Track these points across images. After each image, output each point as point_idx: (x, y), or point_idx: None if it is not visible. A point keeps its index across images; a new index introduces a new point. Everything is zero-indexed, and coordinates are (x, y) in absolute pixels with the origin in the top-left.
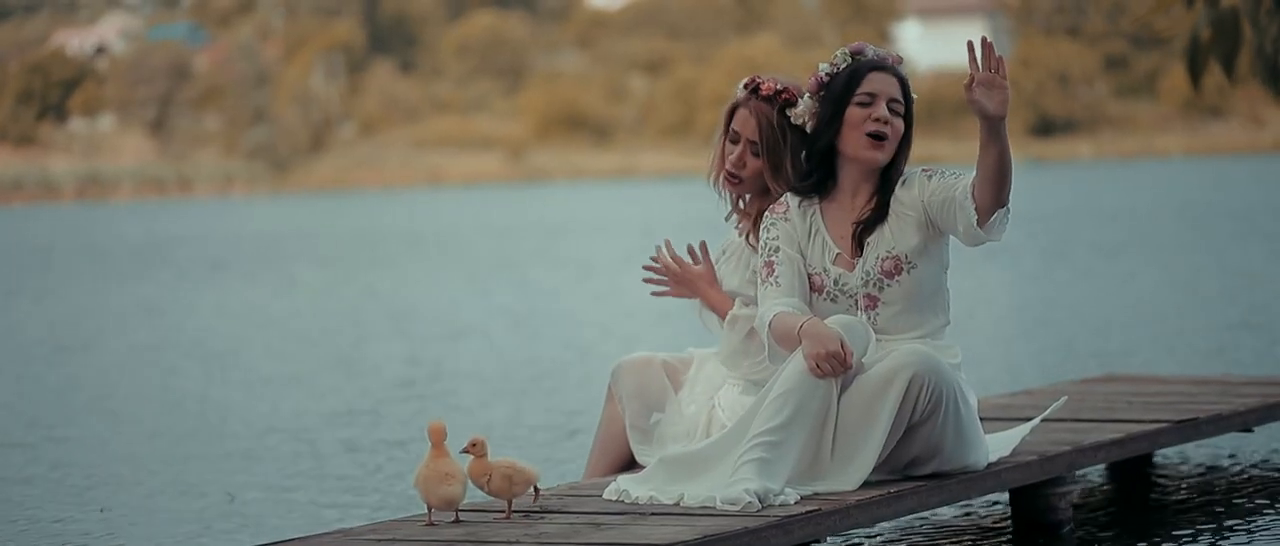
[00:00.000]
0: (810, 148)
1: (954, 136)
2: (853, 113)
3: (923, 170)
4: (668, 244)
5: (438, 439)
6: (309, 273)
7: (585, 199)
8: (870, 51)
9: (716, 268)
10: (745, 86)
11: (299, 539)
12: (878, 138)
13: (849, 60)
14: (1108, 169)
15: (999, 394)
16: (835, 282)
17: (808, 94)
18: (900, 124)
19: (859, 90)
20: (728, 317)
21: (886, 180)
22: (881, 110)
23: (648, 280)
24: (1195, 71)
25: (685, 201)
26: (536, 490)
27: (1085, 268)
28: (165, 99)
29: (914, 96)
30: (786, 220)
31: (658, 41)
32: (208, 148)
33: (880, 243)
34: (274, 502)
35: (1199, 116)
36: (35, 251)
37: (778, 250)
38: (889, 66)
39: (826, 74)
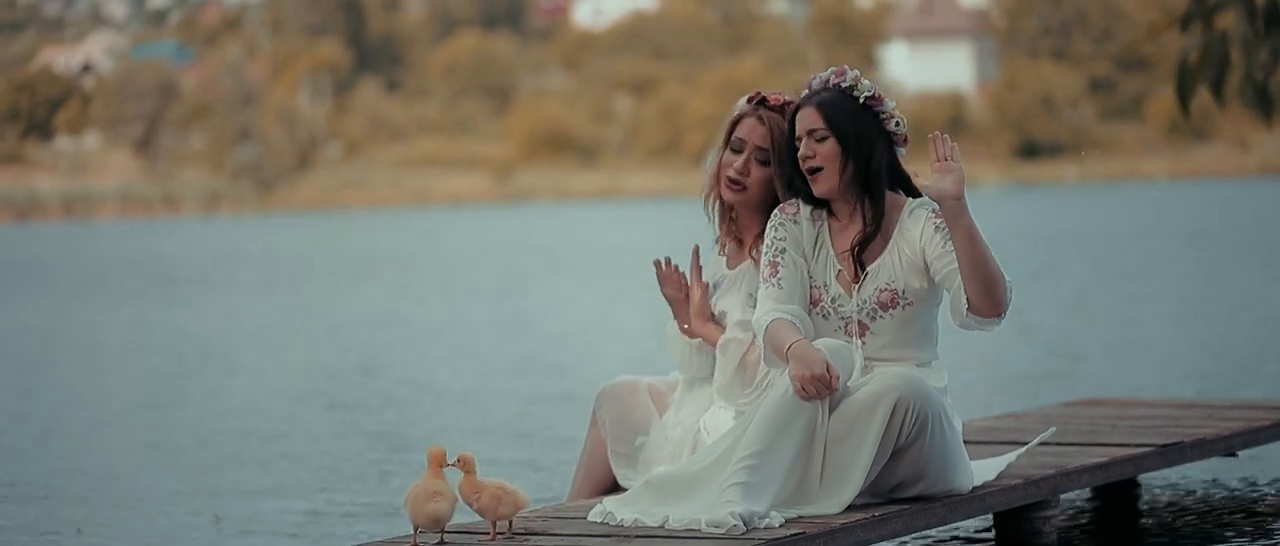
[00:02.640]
0: (791, 187)
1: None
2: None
3: (934, 213)
4: (668, 261)
5: (435, 462)
6: (296, 292)
7: (571, 219)
8: (813, 83)
9: (717, 302)
10: (749, 100)
11: None
12: (812, 173)
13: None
14: (1093, 192)
15: (984, 417)
16: (832, 300)
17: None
18: (828, 146)
19: (797, 137)
20: (720, 343)
21: (871, 193)
22: (803, 148)
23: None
24: (1184, 95)
25: (671, 222)
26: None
27: (1070, 291)
28: (151, 117)
29: (864, 95)
30: (796, 223)
31: (644, 62)
32: (193, 166)
33: (881, 273)
34: (261, 524)
35: (1184, 140)
36: (20, 269)
37: (784, 251)
38: (806, 101)
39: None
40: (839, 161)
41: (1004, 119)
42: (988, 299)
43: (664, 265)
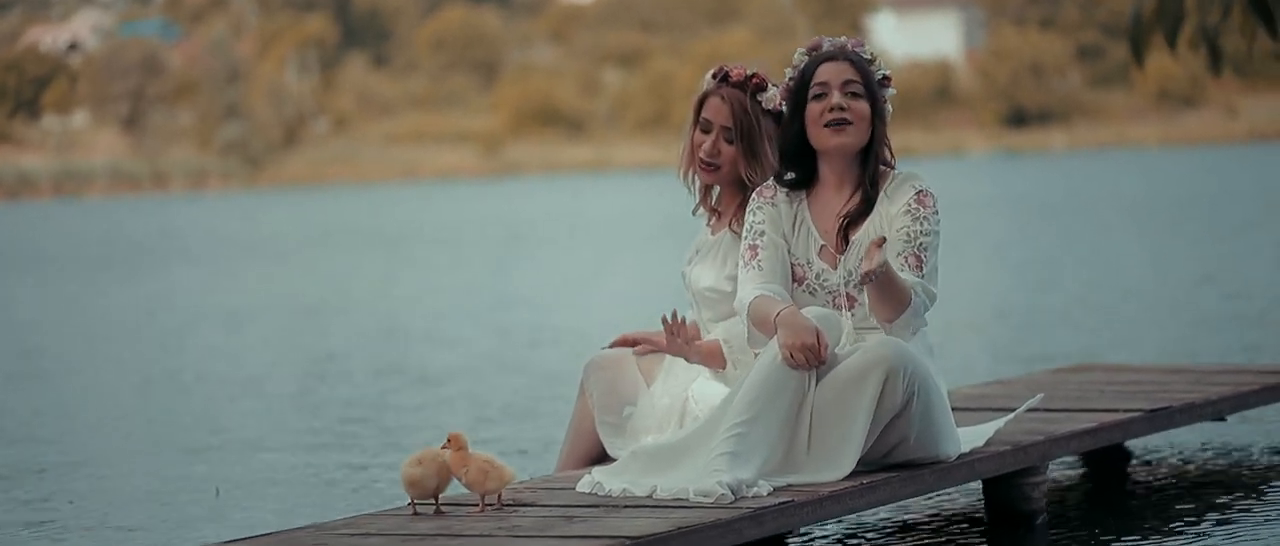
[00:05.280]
0: (782, 151)
1: (927, 126)
2: (811, 109)
3: (917, 195)
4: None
5: (454, 442)
6: (286, 267)
7: (560, 193)
8: (826, 44)
9: (691, 268)
10: (713, 76)
11: (272, 534)
12: (837, 124)
13: (805, 59)
14: (1081, 159)
15: (972, 384)
16: (816, 277)
17: (777, 93)
18: (862, 105)
19: (813, 85)
20: (723, 345)
21: (869, 167)
22: (835, 98)
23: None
24: (1138, 47)
25: (660, 194)
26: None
27: (1058, 257)
28: (138, 95)
29: (882, 73)
30: (773, 205)
31: (631, 35)
32: (181, 144)
33: (866, 243)
34: (259, 496)
35: (1173, 106)
36: (11, 247)
37: (763, 234)
38: (840, 54)
39: (791, 78)
40: (869, 122)
41: (992, 87)
42: (886, 312)
43: (670, 319)
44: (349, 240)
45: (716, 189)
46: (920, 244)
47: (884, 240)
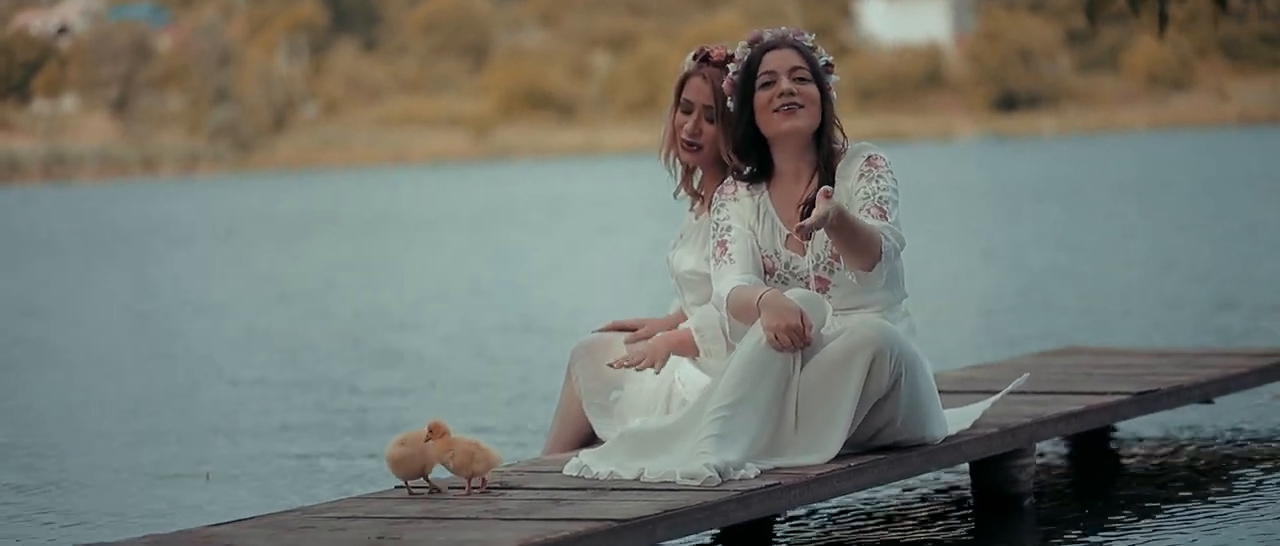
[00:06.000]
0: (735, 146)
1: (917, 111)
2: (759, 97)
3: (867, 159)
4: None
5: (435, 430)
6: (278, 251)
7: (550, 176)
8: (768, 35)
9: (674, 252)
10: (694, 57)
11: (257, 517)
12: (788, 108)
13: (748, 51)
14: (1070, 144)
15: (959, 367)
16: (786, 265)
17: (727, 96)
18: (811, 89)
19: (760, 74)
20: (695, 333)
21: (823, 150)
22: (784, 83)
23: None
24: (1091, 9)
25: (649, 178)
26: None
27: (1046, 240)
28: (128, 79)
29: (825, 59)
30: (736, 200)
31: (621, 18)
32: (171, 128)
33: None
34: (250, 479)
35: (1163, 90)
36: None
37: (730, 228)
38: (784, 42)
39: (735, 73)
40: (818, 105)
41: (981, 71)
42: (862, 261)
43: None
44: (335, 225)
45: (698, 173)
46: (880, 198)
47: (830, 190)
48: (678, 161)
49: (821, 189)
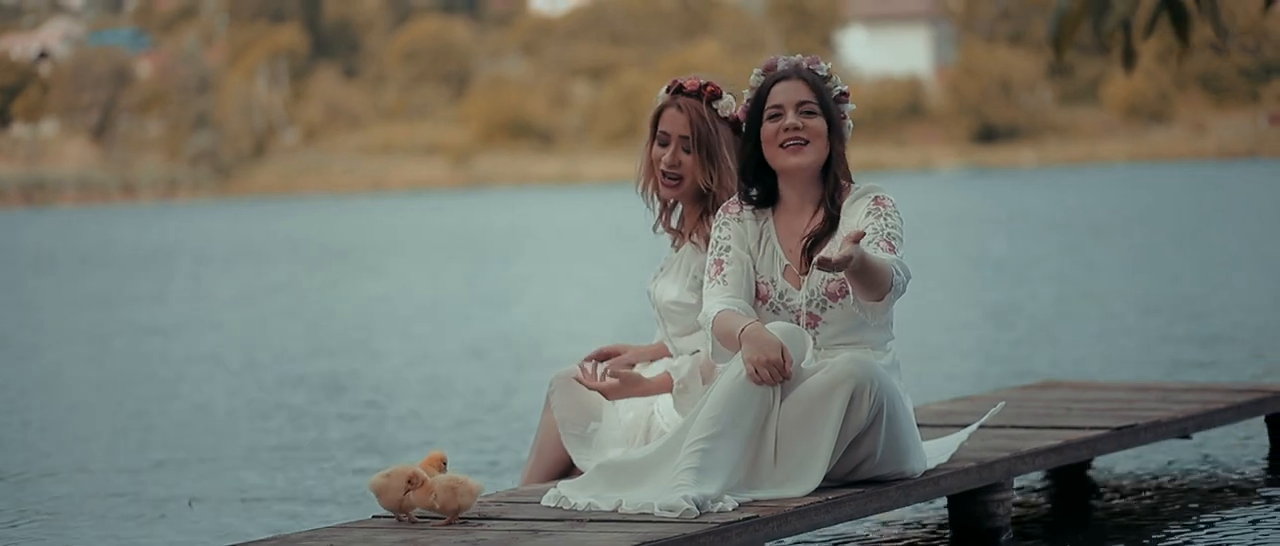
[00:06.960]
0: (741, 171)
1: (897, 142)
2: (766, 129)
3: (874, 199)
4: (584, 370)
5: (429, 461)
6: (257, 279)
7: (529, 205)
8: (781, 63)
9: (655, 283)
10: (668, 89)
11: (236, 545)
12: (793, 144)
13: (761, 79)
14: (1050, 176)
15: (938, 401)
16: (780, 295)
17: (733, 101)
18: (818, 122)
19: (768, 106)
20: (676, 388)
21: (829, 184)
22: (789, 119)
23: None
24: (1058, 41)
25: (629, 208)
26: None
27: (1025, 274)
28: (108, 104)
29: (840, 88)
30: (739, 221)
31: (602, 48)
32: (151, 153)
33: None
34: (232, 506)
35: (1142, 123)
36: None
37: (728, 249)
38: (794, 73)
39: (748, 100)
40: (826, 139)
41: (962, 103)
42: (874, 294)
43: (589, 370)
44: (312, 251)
45: (677, 208)
46: (888, 234)
47: (862, 234)
48: (655, 197)
49: (852, 232)
